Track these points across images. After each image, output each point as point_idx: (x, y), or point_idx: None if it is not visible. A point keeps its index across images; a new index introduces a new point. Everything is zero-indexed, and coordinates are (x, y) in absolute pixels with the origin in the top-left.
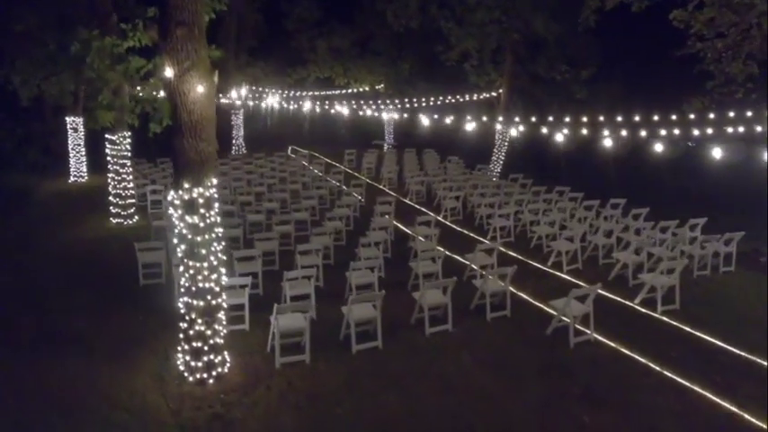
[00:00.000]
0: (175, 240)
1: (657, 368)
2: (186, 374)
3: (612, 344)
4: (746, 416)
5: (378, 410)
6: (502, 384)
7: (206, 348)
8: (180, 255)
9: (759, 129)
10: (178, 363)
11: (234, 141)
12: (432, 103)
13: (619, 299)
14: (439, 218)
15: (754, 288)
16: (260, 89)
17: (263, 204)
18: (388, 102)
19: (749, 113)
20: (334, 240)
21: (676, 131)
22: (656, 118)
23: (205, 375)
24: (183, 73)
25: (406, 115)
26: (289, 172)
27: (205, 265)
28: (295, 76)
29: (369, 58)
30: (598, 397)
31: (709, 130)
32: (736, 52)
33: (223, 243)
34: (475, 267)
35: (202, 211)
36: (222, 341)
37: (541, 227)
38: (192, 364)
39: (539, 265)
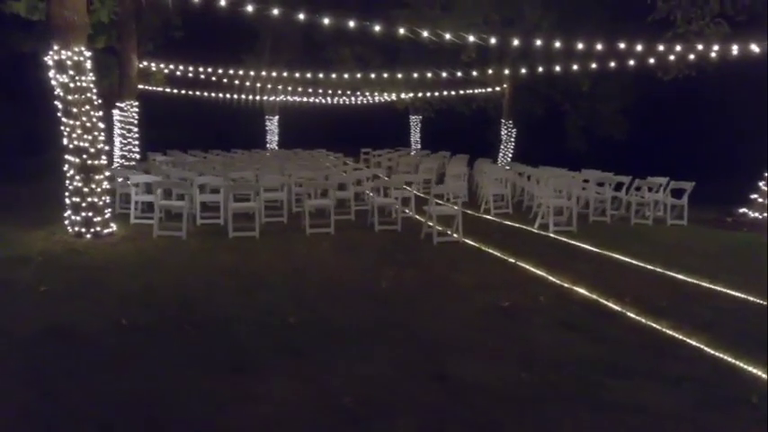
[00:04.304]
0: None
1: (497, 253)
2: (68, 228)
3: (476, 244)
4: (551, 278)
5: (213, 261)
6: (341, 258)
7: (84, 205)
8: (59, 114)
9: None
10: (65, 220)
11: (267, 146)
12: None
13: (520, 225)
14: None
15: (695, 238)
16: (296, 97)
17: None
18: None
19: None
20: None
21: None
22: None
23: (83, 230)
24: None
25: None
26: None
27: (78, 123)
28: (325, 86)
29: (395, 68)
30: (420, 264)
31: None
32: (704, 10)
33: (101, 112)
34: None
35: (72, 72)
36: (102, 203)
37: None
38: (72, 217)
39: (472, 212)
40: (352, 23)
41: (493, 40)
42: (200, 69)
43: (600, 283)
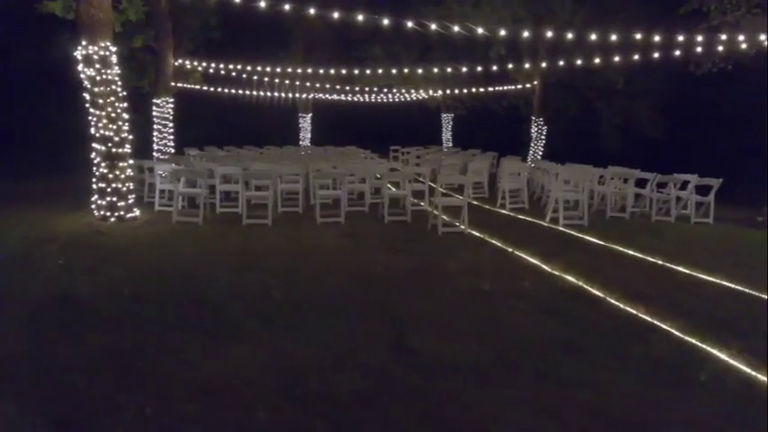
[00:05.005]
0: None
1: (498, 243)
2: (95, 212)
3: (480, 235)
4: (544, 266)
5: (222, 244)
6: (343, 245)
7: (109, 190)
8: (87, 105)
9: None
10: (92, 205)
11: (300, 143)
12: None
13: (532, 219)
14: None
15: (715, 235)
16: (329, 95)
17: None
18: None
19: None
20: None
21: None
22: None
23: (108, 213)
24: None
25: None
26: None
27: (104, 114)
28: (358, 84)
29: (425, 66)
30: (418, 251)
31: None
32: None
33: (126, 104)
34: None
35: (98, 66)
36: (125, 189)
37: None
38: (99, 202)
39: (488, 206)
40: (382, 20)
41: (522, 34)
42: (232, 67)
43: (591, 272)
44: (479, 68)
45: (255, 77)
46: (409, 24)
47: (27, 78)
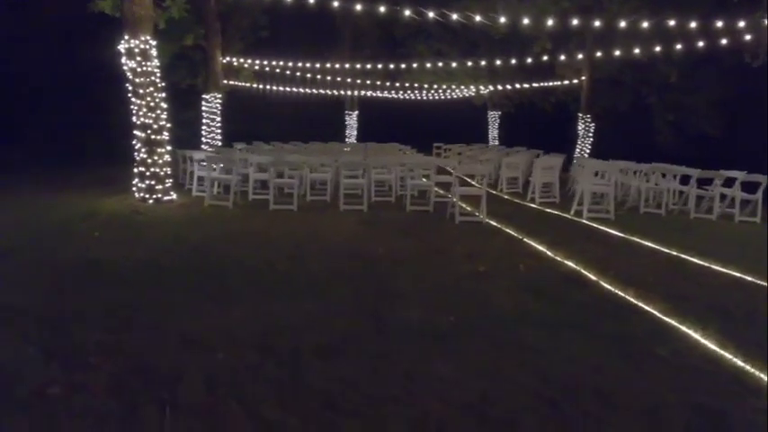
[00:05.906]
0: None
1: (512, 232)
2: (135, 194)
3: (497, 225)
4: (548, 253)
5: (244, 226)
6: (358, 230)
7: (148, 174)
8: (129, 95)
9: None
10: (133, 188)
11: (346, 140)
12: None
13: (558, 213)
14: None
15: (754, 234)
16: (375, 92)
17: None
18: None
19: None
20: None
21: None
22: None
23: (147, 195)
24: None
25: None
26: None
27: (143, 103)
28: (400, 80)
29: (461, 60)
30: (428, 237)
31: None
32: None
33: (164, 94)
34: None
35: (139, 59)
36: (163, 173)
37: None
38: (139, 185)
39: (518, 200)
40: (428, 14)
41: (568, 25)
42: (279, 64)
43: (594, 260)
44: (515, 62)
45: (299, 73)
46: (431, 15)
47: (85, 74)
